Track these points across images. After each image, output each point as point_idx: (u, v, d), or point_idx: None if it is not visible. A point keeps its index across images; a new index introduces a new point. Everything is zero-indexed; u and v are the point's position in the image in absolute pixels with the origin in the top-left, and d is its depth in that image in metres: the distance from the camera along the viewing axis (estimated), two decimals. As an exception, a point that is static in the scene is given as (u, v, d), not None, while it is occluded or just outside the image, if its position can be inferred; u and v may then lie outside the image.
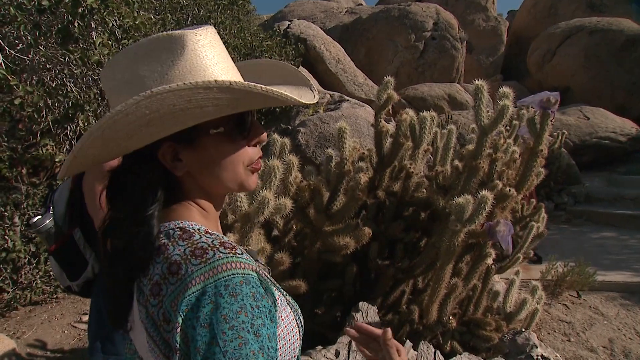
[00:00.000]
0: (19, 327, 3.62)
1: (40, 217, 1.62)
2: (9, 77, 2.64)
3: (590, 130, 8.65)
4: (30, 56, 3.09)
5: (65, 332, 3.57)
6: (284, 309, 0.76)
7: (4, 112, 3.62)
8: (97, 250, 1.53)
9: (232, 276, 0.64)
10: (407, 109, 2.74)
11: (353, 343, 2.33)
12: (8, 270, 3.71)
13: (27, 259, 3.76)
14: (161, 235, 0.71)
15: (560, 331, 3.58)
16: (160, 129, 0.67)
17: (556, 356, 2.16)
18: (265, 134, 0.80)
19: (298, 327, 0.79)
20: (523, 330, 2.30)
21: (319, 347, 2.21)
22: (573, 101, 10.17)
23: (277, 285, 0.80)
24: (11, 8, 2.77)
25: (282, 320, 0.74)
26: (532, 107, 2.23)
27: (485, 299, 2.71)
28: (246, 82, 0.69)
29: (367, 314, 2.40)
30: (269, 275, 0.80)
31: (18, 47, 3.25)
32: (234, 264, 0.65)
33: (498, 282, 3.61)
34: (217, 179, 0.76)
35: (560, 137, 6.63)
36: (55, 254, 1.63)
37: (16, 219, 3.70)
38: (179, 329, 0.62)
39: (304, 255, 2.57)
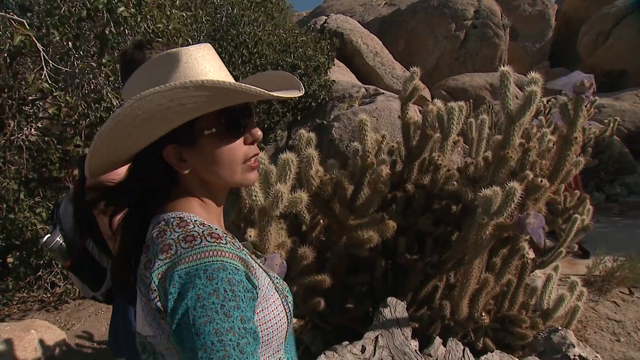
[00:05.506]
0: (69, 320, 3.85)
1: (49, 235, 1.59)
2: (52, 87, 2.79)
3: (648, 115, 8.08)
4: (69, 64, 3.26)
5: (111, 324, 3.76)
6: (272, 295, 0.84)
7: (53, 117, 3.85)
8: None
9: (211, 262, 0.72)
10: (435, 100, 2.67)
11: (379, 338, 2.30)
12: (59, 266, 3.95)
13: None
14: (162, 223, 0.81)
15: (609, 330, 3.38)
16: (152, 127, 0.76)
17: (596, 356, 2.03)
18: (260, 133, 0.87)
19: (286, 312, 0.87)
20: (559, 328, 2.18)
21: (345, 343, 2.19)
22: (629, 85, 9.55)
23: (269, 273, 0.89)
24: (50, 26, 2.93)
25: (269, 305, 0.83)
26: (564, 92, 2.10)
27: (522, 295, 2.59)
28: (216, 80, 0.75)
29: (395, 309, 2.36)
30: (260, 264, 0.88)
31: (65, 59, 3.44)
32: (216, 252, 0.73)
33: (539, 278, 3.44)
34: (217, 176, 0.85)
35: (612, 125, 6.23)
36: (72, 268, 1.62)
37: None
38: (158, 299, 0.73)
39: (332, 250, 2.57)
